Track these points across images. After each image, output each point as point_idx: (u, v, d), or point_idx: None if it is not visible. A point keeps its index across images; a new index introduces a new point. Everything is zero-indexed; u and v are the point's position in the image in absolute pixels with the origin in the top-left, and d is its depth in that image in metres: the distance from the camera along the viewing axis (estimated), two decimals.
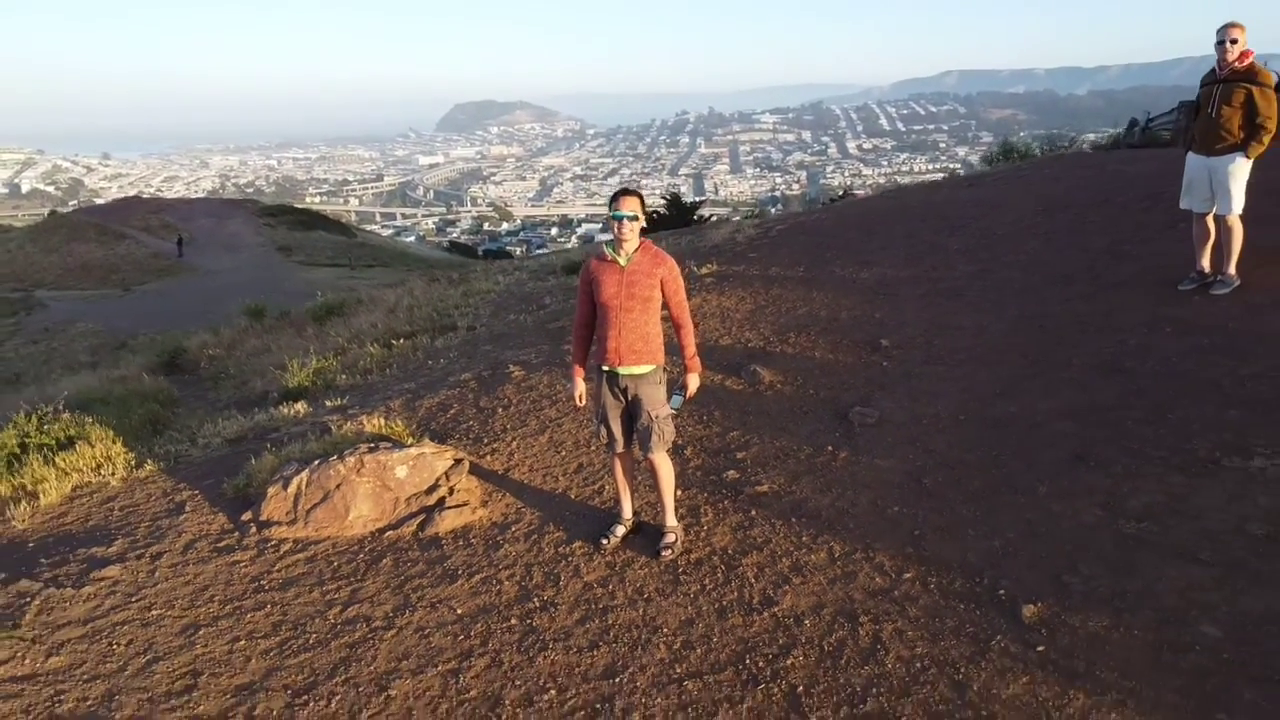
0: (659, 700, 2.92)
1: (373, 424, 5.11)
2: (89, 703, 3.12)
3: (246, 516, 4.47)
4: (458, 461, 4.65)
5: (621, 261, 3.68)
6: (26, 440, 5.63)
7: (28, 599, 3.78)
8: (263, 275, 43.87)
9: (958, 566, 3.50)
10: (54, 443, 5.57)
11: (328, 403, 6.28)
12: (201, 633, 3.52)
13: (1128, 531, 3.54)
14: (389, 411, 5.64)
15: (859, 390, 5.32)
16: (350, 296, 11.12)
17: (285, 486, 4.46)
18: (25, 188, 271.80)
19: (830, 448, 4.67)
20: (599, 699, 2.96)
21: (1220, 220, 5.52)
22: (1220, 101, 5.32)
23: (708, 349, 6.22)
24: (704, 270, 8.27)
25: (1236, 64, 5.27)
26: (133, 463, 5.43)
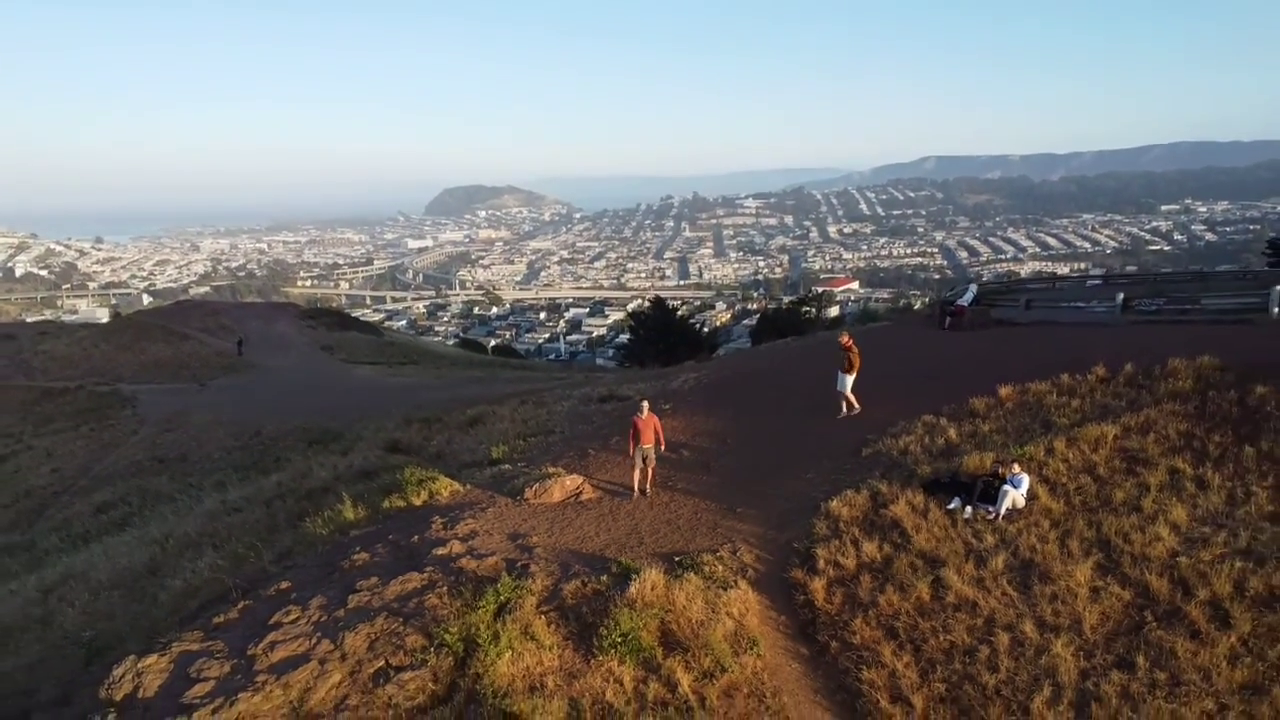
0: (647, 527, 12.91)
1: (549, 471, 15.12)
2: (511, 527, 13.00)
3: (520, 498, 14.43)
4: (585, 479, 14.68)
5: (644, 418, 13.91)
6: (414, 478, 15.51)
7: (476, 514, 13.69)
8: (320, 372, 52.65)
9: (726, 502, 13.58)
10: (430, 478, 15.45)
11: (519, 464, 16.26)
12: (530, 518, 13.43)
13: (769, 493, 13.67)
14: (549, 465, 15.64)
15: (716, 455, 15.48)
16: (482, 411, 21.14)
17: (531, 488, 14.42)
18: (19, 271, 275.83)
19: (701, 474, 14.79)
20: (632, 528, 12.93)
21: (843, 394, 15.88)
22: (842, 359, 15.77)
23: (666, 442, 16.29)
24: (666, 406, 18.46)
25: (847, 346, 15.76)
26: (463, 486, 15.34)
